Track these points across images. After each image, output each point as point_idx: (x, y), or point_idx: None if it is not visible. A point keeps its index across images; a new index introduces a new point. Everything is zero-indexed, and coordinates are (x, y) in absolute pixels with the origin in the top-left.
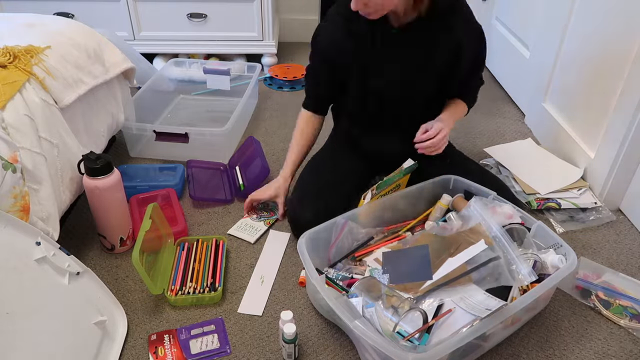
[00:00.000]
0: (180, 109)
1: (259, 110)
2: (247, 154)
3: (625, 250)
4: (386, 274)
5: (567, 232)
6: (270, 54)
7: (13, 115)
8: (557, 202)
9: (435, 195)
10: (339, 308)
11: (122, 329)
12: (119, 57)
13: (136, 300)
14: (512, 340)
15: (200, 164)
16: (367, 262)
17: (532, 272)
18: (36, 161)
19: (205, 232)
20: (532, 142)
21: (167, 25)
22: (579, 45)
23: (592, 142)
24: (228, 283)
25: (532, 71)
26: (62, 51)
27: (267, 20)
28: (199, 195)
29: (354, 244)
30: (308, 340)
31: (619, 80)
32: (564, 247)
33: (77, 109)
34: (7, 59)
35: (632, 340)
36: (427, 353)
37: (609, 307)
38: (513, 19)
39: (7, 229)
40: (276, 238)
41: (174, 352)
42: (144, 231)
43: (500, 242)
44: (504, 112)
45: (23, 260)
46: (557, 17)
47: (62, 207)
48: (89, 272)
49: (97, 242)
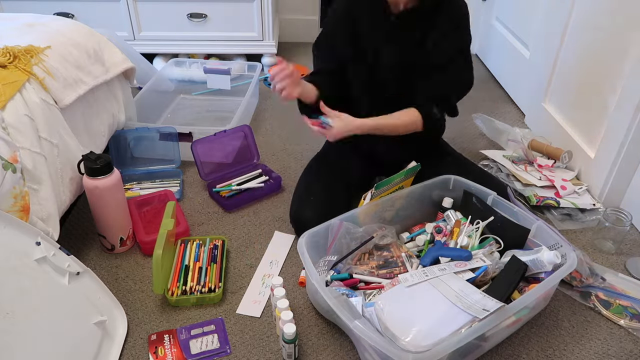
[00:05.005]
0: (181, 109)
1: (259, 110)
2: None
3: (626, 250)
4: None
5: (566, 231)
6: (270, 54)
7: (13, 115)
8: (556, 200)
9: (435, 195)
10: (339, 308)
11: (122, 329)
12: (119, 57)
13: (136, 300)
14: (512, 340)
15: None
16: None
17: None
18: (36, 161)
19: (205, 233)
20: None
21: (167, 25)
22: (579, 45)
23: (592, 142)
24: (228, 283)
25: (532, 71)
26: (62, 51)
27: (267, 20)
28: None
29: (352, 244)
30: (308, 340)
31: (619, 80)
32: (564, 247)
33: (77, 109)
34: (7, 59)
35: (632, 340)
36: (427, 353)
37: (609, 307)
38: (513, 19)
39: (7, 229)
40: (280, 239)
41: (174, 352)
42: (166, 230)
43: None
44: (504, 112)
45: (23, 260)
46: (557, 17)
47: (62, 207)
48: (89, 272)
49: (97, 242)
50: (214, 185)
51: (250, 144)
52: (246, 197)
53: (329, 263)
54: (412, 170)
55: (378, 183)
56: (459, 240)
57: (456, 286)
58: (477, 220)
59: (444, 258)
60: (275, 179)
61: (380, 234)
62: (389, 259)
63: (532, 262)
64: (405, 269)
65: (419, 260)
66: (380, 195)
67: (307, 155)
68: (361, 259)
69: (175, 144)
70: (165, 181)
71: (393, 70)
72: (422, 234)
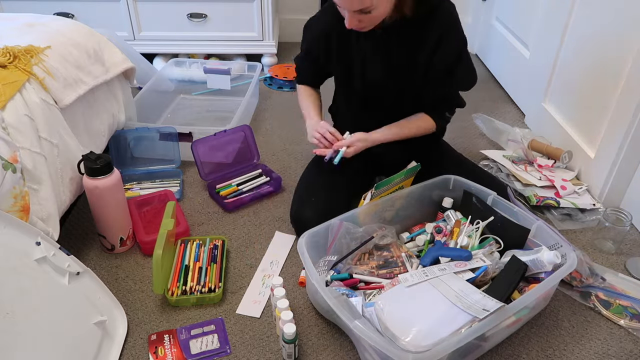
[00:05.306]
0: (181, 109)
1: (259, 110)
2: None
3: (626, 250)
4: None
5: (566, 231)
6: (270, 54)
7: (13, 115)
8: (556, 199)
9: (435, 195)
10: (339, 308)
11: (122, 329)
12: (119, 57)
13: (136, 300)
14: (512, 340)
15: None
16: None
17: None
18: (36, 161)
19: (205, 233)
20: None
21: (167, 25)
22: (579, 45)
23: (592, 142)
24: (228, 283)
25: (532, 71)
26: (62, 51)
27: (267, 20)
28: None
29: (352, 244)
30: (308, 340)
31: (619, 80)
32: (564, 247)
33: (77, 109)
34: (7, 59)
35: (632, 340)
36: (427, 353)
37: (609, 307)
38: (513, 19)
39: (7, 229)
40: (280, 240)
41: (174, 352)
42: (166, 230)
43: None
44: (504, 112)
45: (23, 260)
46: (557, 17)
47: (62, 207)
48: (89, 272)
49: (97, 242)
50: (214, 186)
51: (250, 144)
52: (246, 197)
53: (329, 263)
54: (412, 170)
55: (378, 183)
56: (459, 240)
57: (456, 286)
58: (477, 220)
59: (444, 258)
60: (275, 179)
61: (380, 234)
62: (389, 259)
63: (532, 262)
64: (405, 269)
65: (419, 260)
66: (380, 195)
67: (307, 155)
68: (361, 259)
69: (175, 144)
70: (165, 181)
71: (385, 85)
72: (422, 234)
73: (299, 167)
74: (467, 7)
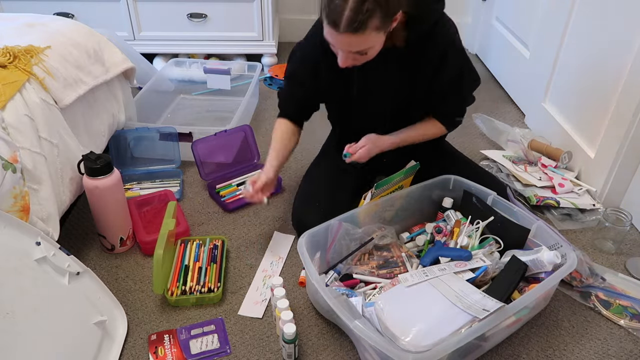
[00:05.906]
0: (181, 109)
1: (259, 110)
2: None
3: (626, 250)
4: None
5: (566, 231)
6: (270, 54)
7: (13, 115)
8: (556, 199)
9: (435, 195)
10: (339, 308)
11: (122, 329)
12: (119, 57)
13: (136, 300)
14: (512, 340)
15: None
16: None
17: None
18: (36, 161)
19: (205, 233)
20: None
21: (167, 25)
22: (579, 45)
23: (592, 142)
24: (228, 283)
25: (532, 71)
26: (62, 51)
27: (267, 20)
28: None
29: (352, 245)
30: (308, 340)
31: (619, 80)
32: (564, 247)
33: (77, 109)
34: (7, 59)
35: (632, 340)
36: (427, 353)
37: (609, 307)
38: (513, 19)
39: (7, 229)
40: (280, 240)
41: (174, 352)
42: (167, 230)
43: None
44: (504, 112)
45: (23, 260)
46: (557, 17)
47: (62, 207)
48: (89, 272)
49: (97, 242)
50: (214, 186)
51: (251, 144)
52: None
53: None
54: (412, 170)
55: (378, 183)
56: (459, 240)
57: (456, 286)
58: (477, 220)
59: (444, 258)
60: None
61: (380, 234)
62: (389, 259)
63: (532, 262)
64: (405, 269)
65: (419, 260)
66: (380, 195)
67: (307, 155)
68: (361, 259)
69: (175, 144)
70: (165, 181)
71: (385, 112)
72: (422, 234)
73: (299, 167)
74: (467, 7)
